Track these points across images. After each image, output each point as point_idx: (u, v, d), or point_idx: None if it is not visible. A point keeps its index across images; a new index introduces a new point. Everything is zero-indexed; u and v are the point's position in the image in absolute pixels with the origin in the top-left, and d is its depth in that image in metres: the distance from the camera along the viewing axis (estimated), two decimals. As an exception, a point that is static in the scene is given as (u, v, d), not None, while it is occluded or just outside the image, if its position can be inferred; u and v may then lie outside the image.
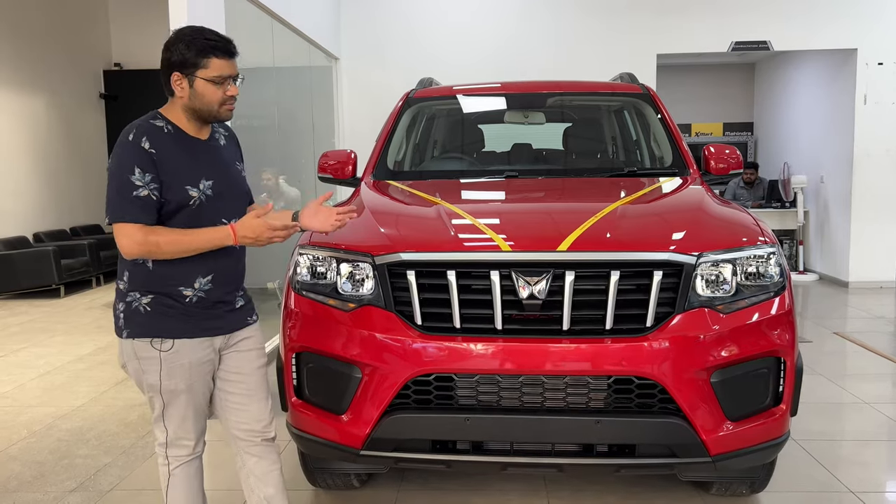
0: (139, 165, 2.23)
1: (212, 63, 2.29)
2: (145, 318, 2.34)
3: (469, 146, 4.75)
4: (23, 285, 9.20)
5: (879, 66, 8.79)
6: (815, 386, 5.04)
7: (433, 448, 2.73)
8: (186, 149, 2.35)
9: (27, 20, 10.31)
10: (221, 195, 2.39)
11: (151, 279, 2.33)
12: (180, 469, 2.51)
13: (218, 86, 2.31)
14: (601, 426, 2.60)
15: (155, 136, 2.30)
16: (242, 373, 2.54)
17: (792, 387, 2.77)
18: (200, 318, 2.38)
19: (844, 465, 3.70)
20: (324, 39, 8.30)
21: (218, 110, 2.35)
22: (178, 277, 2.33)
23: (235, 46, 2.36)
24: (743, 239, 2.83)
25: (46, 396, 5.08)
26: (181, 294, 2.34)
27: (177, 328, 2.35)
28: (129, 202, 2.22)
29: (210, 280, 2.38)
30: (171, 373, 2.37)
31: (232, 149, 2.55)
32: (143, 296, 2.34)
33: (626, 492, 3.39)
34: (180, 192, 2.29)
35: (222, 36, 2.36)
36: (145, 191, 2.23)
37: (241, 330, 2.53)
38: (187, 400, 2.43)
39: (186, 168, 2.31)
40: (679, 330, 2.60)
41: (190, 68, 2.29)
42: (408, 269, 2.68)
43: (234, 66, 2.34)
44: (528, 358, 2.59)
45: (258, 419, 2.56)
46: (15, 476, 3.74)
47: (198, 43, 2.29)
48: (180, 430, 2.47)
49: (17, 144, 10.17)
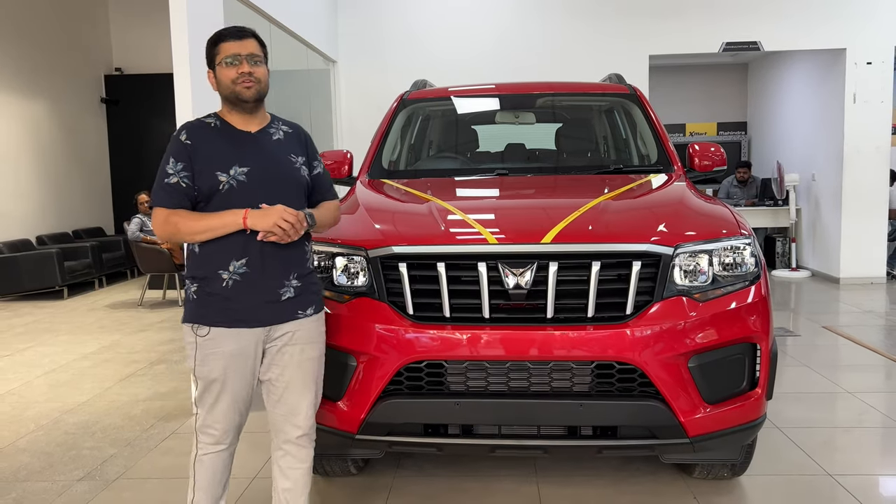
0: (174, 156, 2.44)
1: (222, 47, 2.48)
2: (192, 304, 2.50)
3: (463, 146, 4.89)
4: (26, 287, 9.34)
5: (868, 66, 8.93)
6: (801, 377, 5.19)
7: (425, 432, 2.87)
8: (226, 139, 2.50)
9: (29, 26, 10.46)
10: (257, 182, 2.47)
11: (197, 263, 2.49)
12: (208, 458, 2.58)
13: (231, 66, 2.46)
14: (584, 409, 2.73)
15: (197, 130, 2.51)
16: (282, 366, 2.58)
17: (767, 371, 2.90)
18: (239, 307, 2.45)
19: (824, 450, 3.83)
20: (321, 43, 8.44)
21: (234, 88, 2.47)
22: (216, 260, 2.45)
23: (250, 32, 2.52)
24: (720, 231, 2.96)
25: (52, 393, 5.22)
26: (219, 277, 2.44)
27: (214, 316, 2.45)
28: (161, 188, 2.44)
29: (245, 264, 2.45)
30: (205, 360, 2.47)
31: (290, 143, 2.62)
32: (192, 283, 2.50)
33: (613, 476, 3.53)
34: (210, 177, 2.43)
35: (237, 25, 2.54)
36: (175, 178, 2.42)
37: (288, 323, 2.55)
38: (220, 390, 2.49)
39: (220, 156, 2.46)
40: (657, 317, 2.73)
41: (211, 60, 2.51)
42: (399, 261, 2.81)
43: (245, 46, 2.47)
44: (515, 345, 2.73)
45: (293, 415, 2.62)
46: (24, 466, 3.87)
47: (212, 37, 2.53)
48: (209, 417, 2.53)
49: (20, 148, 10.32)
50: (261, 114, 2.60)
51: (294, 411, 2.63)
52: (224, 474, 2.65)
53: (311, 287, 2.63)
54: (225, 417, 2.54)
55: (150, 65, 12.02)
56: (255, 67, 2.48)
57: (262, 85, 2.51)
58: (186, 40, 4.49)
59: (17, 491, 3.57)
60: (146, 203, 9.08)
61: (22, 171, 10.32)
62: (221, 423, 2.55)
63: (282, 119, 2.70)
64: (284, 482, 2.70)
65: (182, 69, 4.51)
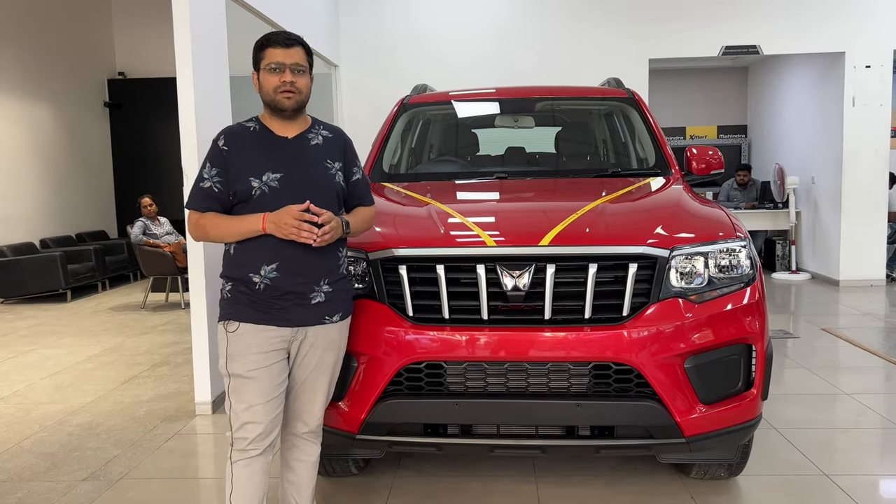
0: (210, 161, 2.53)
1: (267, 52, 2.51)
2: (225, 303, 2.57)
3: (463, 150, 4.93)
4: (30, 290, 9.39)
5: (867, 69, 8.98)
6: (800, 378, 5.22)
7: (425, 432, 2.91)
8: (262, 145, 2.55)
9: (32, 30, 10.52)
10: (291, 188, 2.50)
11: (231, 264, 2.55)
12: (240, 465, 2.54)
13: (274, 73, 2.50)
14: (582, 409, 2.77)
15: (235, 134, 2.57)
16: (301, 366, 2.65)
17: (762, 372, 2.94)
18: (268, 306, 2.50)
19: (821, 450, 3.86)
20: (323, 47, 8.50)
21: (275, 97, 2.51)
22: (248, 263, 2.50)
23: (298, 40, 2.54)
24: (716, 233, 3.00)
25: (56, 394, 5.26)
26: (251, 280, 2.49)
27: (244, 312, 2.50)
28: (195, 192, 2.53)
29: (275, 268, 2.48)
30: (233, 355, 2.51)
31: (329, 149, 2.64)
32: (227, 283, 2.56)
33: (612, 476, 3.56)
34: (244, 182, 2.48)
35: (285, 32, 2.56)
36: (209, 182, 2.51)
37: (314, 327, 2.59)
38: (249, 386, 2.50)
39: (254, 161, 2.51)
40: (654, 319, 2.77)
41: (256, 64, 2.55)
42: (399, 264, 2.86)
43: (291, 56, 2.50)
44: (513, 346, 2.76)
45: (304, 412, 2.71)
46: (29, 467, 3.92)
47: (260, 40, 2.56)
48: (243, 416, 2.51)
49: (24, 152, 10.38)
50: (301, 119, 2.63)
51: (305, 409, 2.72)
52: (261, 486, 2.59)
53: (342, 294, 2.66)
54: (262, 416, 2.52)
55: (152, 69, 12.08)
56: (298, 77, 2.52)
57: (302, 95, 2.54)
58: (189, 44, 4.53)
59: (22, 491, 3.61)
60: (149, 206, 9.14)
61: (26, 175, 10.38)
62: (257, 422, 2.52)
63: (324, 123, 2.73)
64: (289, 474, 2.79)
65: (184, 73, 4.55)
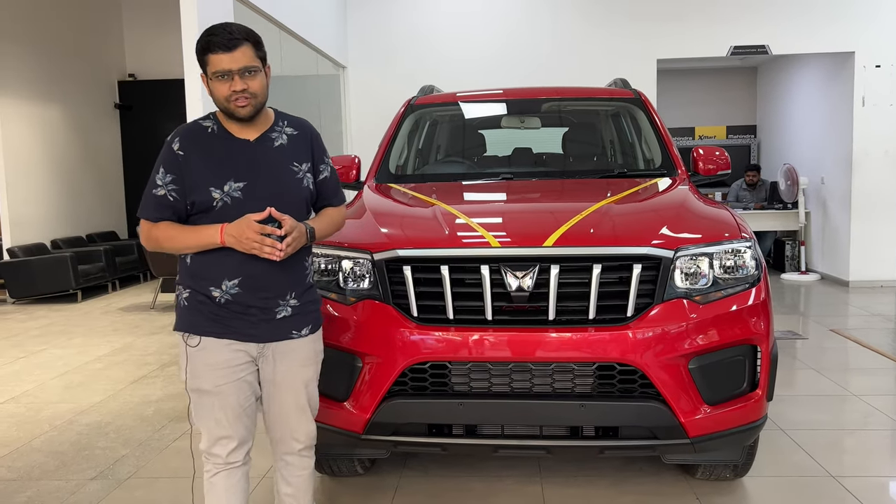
0: (164, 166, 2.32)
1: (211, 59, 2.25)
2: (182, 311, 2.39)
3: (469, 150, 4.95)
4: (41, 290, 9.47)
5: (877, 69, 8.93)
6: (807, 379, 5.20)
7: (429, 432, 2.92)
8: (222, 149, 2.34)
9: (43, 33, 10.60)
10: (256, 198, 2.31)
11: (188, 274, 2.38)
12: (219, 477, 2.44)
13: (222, 80, 2.26)
14: (586, 410, 2.77)
15: (191, 136, 2.34)
16: (277, 385, 2.48)
17: (767, 373, 2.93)
18: (230, 319, 2.34)
19: (828, 451, 3.85)
20: (331, 49, 8.53)
21: (228, 106, 2.29)
22: (207, 277, 2.33)
23: (242, 38, 2.26)
24: (721, 234, 3.00)
25: (66, 394, 5.31)
26: (210, 293, 2.34)
27: (205, 326, 2.34)
28: (147, 199, 2.33)
29: (237, 284, 2.33)
30: (196, 371, 2.36)
31: (295, 148, 2.44)
32: (184, 290, 2.39)
33: (616, 477, 3.56)
34: (203, 193, 2.29)
35: (226, 29, 2.26)
36: (163, 191, 2.30)
37: (282, 342, 2.44)
38: (216, 403, 2.36)
39: (214, 169, 2.31)
40: (658, 319, 2.77)
41: (203, 68, 2.31)
42: (404, 264, 2.87)
43: (237, 60, 2.23)
44: (517, 346, 2.77)
45: (292, 435, 2.57)
46: (38, 466, 3.95)
47: (202, 41, 2.28)
48: (214, 431, 2.40)
49: (35, 154, 10.45)
50: (262, 117, 2.41)
51: (297, 427, 2.57)
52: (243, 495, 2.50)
53: (310, 306, 2.52)
54: (231, 431, 2.40)
55: (162, 70, 12.14)
56: (250, 80, 2.27)
57: (258, 98, 2.32)
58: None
59: (32, 490, 3.65)
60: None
61: (37, 176, 10.46)
62: (227, 438, 2.41)
63: (288, 117, 2.51)
64: (287, 488, 2.66)
65: (193, 75, 4.59)
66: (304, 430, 2.59)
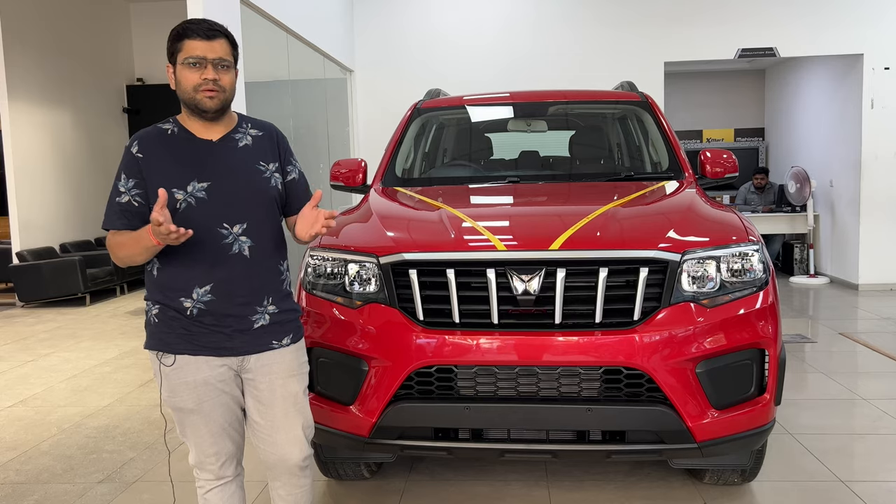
0: (125, 172, 2.23)
1: (185, 45, 2.19)
2: (154, 328, 2.27)
3: (476, 154, 4.94)
4: (50, 294, 9.51)
5: (886, 71, 8.89)
6: (816, 383, 5.17)
7: (435, 436, 2.92)
8: (183, 150, 2.25)
9: (52, 38, 10.66)
10: (221, 199, 2.23)
11: (156, 287, 2.26)
12: (213, 493, 2.38)
13: (193, 68, 2.18)
14: (592, 414, 2.76)
15: (150, 140, 2.25)
16: (264, 403, 2.34)
17: (775, 377, 2.91)
18: (205, 333, 2.23)
19: (837, 456, 3.82)
20: (338, 52, 8.55)
21: (194, 96, 2.20)
22: (176, 287, 2.23)
23: (222, 30, 2.22)
24: (729, 237, 2.99)
25: (74, 397, 5.32)
26: (182, 305, 2.22)
27: (179, 343, 2.23)
28: (111, 208, 2.23)
29: (210, 290, 2.22)
30: (174, 390, 2.26)
31: (260, 149, 2.36)
32: (154, 305, 2.26)
33: (624, 481, 3.55)
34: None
35: (206, 21, 2.23)
36: (126, 197, 2.21)
37: (263, 354, 2.31)
38: (199, 421, 2.28)
39: (175, 170, 2.21)
40: (665, 323, 2.76)
41: (172, 57, 2.23)
42: (410, 268, 2.87)
43: (214, 49, 2.19)
44: (523, 350, 2.76)
45: (285, 451, 2.38)
46: (46, 469, 3.96)
47: (177, 28, 2.23)
48: (200, 450, 2.32)
49: (44, 158, 10.51)
50: (226, 118, 2.33)
51: (292, 442, 2.39)
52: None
53: (289, 314, 2.39)
54: (217, 448, 2.32)
55: (170, 75, 12.18)
56: (223, 73, 2.21)
57: (227, 94, 2.24)
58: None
59: (39, 493, 3.66)
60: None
61: (46, 180, 10.51)
62: (215, 455, 2.33)
63: (252, 119, 2.43)
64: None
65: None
66: (302, 445, 2.41)
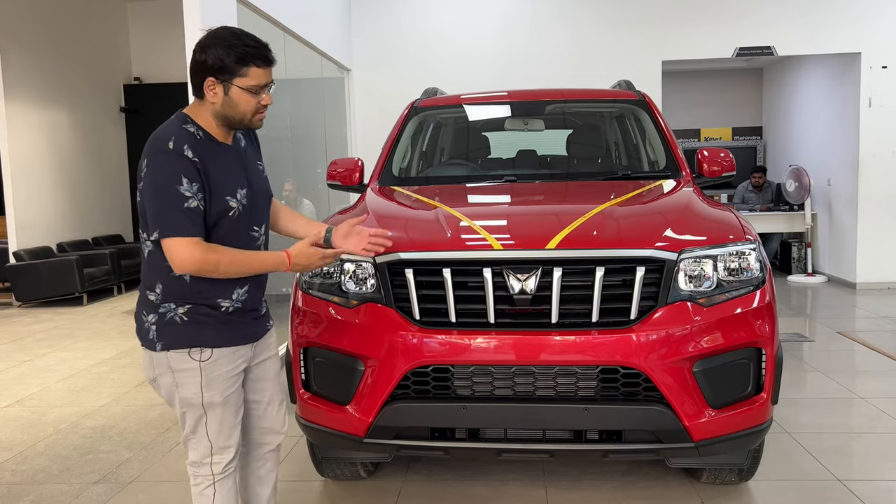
0: (186, 175, 2.12)
1: (251, 72, 2.18)
2: (182, 328, 2.25)
3: (473, 153, 4.93)
4: (47, 293, 9.49)
5: (883, 70, 8.88)
6: (814, 382, 5.17)
7: (432, 436, 2.91)
8: (222, 157, 2.26)
9: (49, 37, 10.63)
10: (254, 203, 2.35)
11: (188, 290, 2.25)
12: (212, 489, 2.39)
13: (254, 95, 2.21)
14: (589, 413, 2.76)
15: (195, 144, 2.19)
16: (265, 380, 2.54)
17: (772, 376, 2.91)
18: (235, 326, 2.34)
19: (834, 455, 3.82)
20: (335, 51, 8.53)
21: (251, 119, 2.26)
22: (217, 289, 2.27)
23: (273, 53, 2.24)
24: (726, 236, 2.98)
25: (71, 397, 5.31)
26: (218, 305, 2.28)
27: (214, 337, 2.28)
28: (183, 214, 2.11)
29: (246, 290, 2.35)
30: (210, 384, 2.29)
31: (252, 149, 2.47)
32: (180, 306, 2.25)
33: (621, 481, 3.54)
34: (221, 202, 2.21)
35: (261, 41, 2.22)
36: (195, 202, 2.13)
37: (264, 336, 2.52)
38: (223, 412, 2.34)
39: (227, 178, 2.24)
40: (661, 322, 2.76)
41: (227, 75, 2.17)
42: (406, 267, 2.86)
43: (270, 74, 2.23)
44: (520, 350, 2.76)
45: (276, 422, 2.60)
46: (42, 469, 3.95)
47: (237, 49, 2.16)
48: (219, 439, 2.37)
49: (41, 158, 10.48)
50: None
51: (275, 420, 2.60)
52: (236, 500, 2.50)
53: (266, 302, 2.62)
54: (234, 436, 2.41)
55: (168, 74, 12.18)
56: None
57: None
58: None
59: (35, 493, 3.64)
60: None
61: (43, 180, 10.49)
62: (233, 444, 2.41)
63: None
64: (265, 489, 2.64)
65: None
66: (282, 420, 2.63)
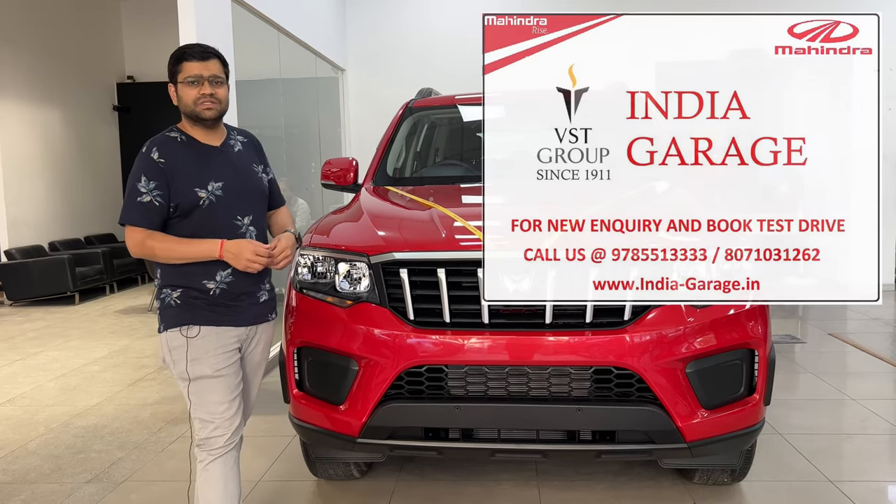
0: (145, 174, 2.50)
1: (184, 66, 2.55)
2: (176, 310, 2.55)
3: (467, 153, 4.93)
4: (39, 292, 9.45)
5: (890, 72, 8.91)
6: (805, 383, 5.19)
7: (426, 436, 2.91)
8: (197, 155, 2.58)
9: (42, 35, 10.60)
10: (233, 195, 2.59)
11: (178, 274, 2.55)
12: (214, 464, 2.56)
13: (192, 85, 2.54)
14: (583, 414, 2.76)
15: (167, 146, 2.56)
16: (252, 367, 2.77)
17: (765, 377, 2.92)
18: (225, 307, 2.58)
19: (826, 456, 3.83)
20: (330, 51, 8.53)
21: (195, 109, 2.55)
22: (202, 271, 2.54)
23: (214, 52, 2.58)
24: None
25: (63, 396, 5.29)
26: (204, 286, 2.55)
27: (203, 316, 2.55)
28: (133, 206, 2.49)
29: (230, 273, 2.57)
30: (198, 358, 2.53)
31: (249, 153, 2.74)
32: (174, 290, 2.56)
33: (614, 481, 3.55)
34: (189, 193, 2.51)
35: (200, 45, 2.61)
36: (148, 197, 2.48)
37: (261, 325, 2.72)
38: (218, 385, 2.55)
39: (195, 172, 2.54)
40: (655, 323, 2.76)
41: (173, 77, 2.58)
42: (400, 267, 2.86)
43: (207, 68, 2.54)
44: (513, 350, 2.76)
45: (249, 403, 2.81)
46: (34, 469, 3.93)
47: (176, 53, 2.59)
48: (216, 415, 2.55)
49: (33, 156, 10.45)
50: (220, 129, 2.68)
51: (249, 406, 2.81)
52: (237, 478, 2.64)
53: (273, 292, 2.80)
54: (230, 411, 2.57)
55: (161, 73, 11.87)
56: (217, 88, 2.56)
57: (222, 105, 2.59)
58: (195, 49, 4.56)
59: (27, 493, 3.63)
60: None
61: (35, 178, 10.45)
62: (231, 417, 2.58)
63: (235, 128, 2.79)
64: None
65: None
66: (250, 407, 2.83)
